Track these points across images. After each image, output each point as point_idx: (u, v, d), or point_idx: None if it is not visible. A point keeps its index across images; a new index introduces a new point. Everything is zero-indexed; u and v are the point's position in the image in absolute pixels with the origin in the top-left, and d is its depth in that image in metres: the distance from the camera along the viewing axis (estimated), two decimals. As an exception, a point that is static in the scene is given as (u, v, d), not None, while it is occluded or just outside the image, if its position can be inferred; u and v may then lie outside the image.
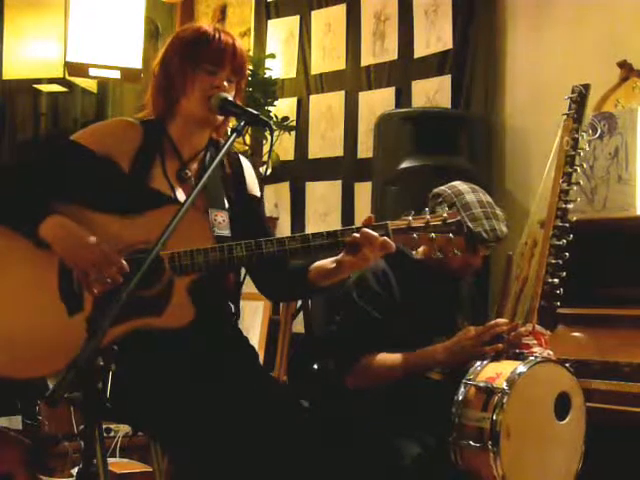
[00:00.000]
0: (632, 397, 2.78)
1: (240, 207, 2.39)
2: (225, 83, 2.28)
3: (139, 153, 2.29)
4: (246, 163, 2.48)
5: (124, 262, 2.08)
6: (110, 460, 3.50)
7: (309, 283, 2.32)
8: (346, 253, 2.20)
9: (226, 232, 2.31)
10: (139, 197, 2.23)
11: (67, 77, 4.75)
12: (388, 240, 2.14)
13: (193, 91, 2.27)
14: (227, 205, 2.37)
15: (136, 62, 4.52)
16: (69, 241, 2.10)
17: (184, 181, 2.32)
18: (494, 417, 2.30)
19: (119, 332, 2.01)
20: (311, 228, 4.75)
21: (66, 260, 2.11)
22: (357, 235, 2.14)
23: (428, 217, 2.17)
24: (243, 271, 2.43)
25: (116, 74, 4.50)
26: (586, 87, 2.91)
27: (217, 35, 2.30)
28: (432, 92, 4.25)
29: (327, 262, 2.29)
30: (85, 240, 2.09)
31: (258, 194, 2.48)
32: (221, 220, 2.32)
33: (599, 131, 3.14)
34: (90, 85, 5.09)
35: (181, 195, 2.30)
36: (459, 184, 2.72)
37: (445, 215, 2.18)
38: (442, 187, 2.73)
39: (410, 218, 2.17)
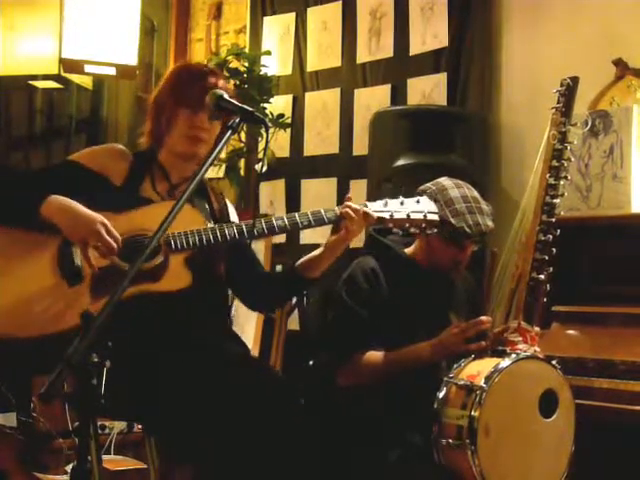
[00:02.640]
0: (627, 395, 2.78)
1: None
2: (207, 122, 2.38)
3: (130, 173, 2.42)
4: (228, 201, 2.63)
5: (115, 231, 2.19)
6: (104, 457, 3.50)
7: (300, 277, 2.46)
8: (332, 234, 2.38)
9: None
10: (130, 202, 2.33)
11: (62, 74, 4.74)
12: (368, 211, 2.34)
13: (175, 129, 2.41)
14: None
15: (132, 59, 4.51)
16: (69, 213, 2.20)
17: (173, 198, 2.43)
18: (471, 414, 2.30)
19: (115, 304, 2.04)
20: (307, 225, 4.74)
21: (67, 231, 2.21)
22: (341, 209, 2.33)
23: (402, 199, 2.38)
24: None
25: (111, 71, 4.50)
26: (574, 80, 2.89)
27: (201, 75, 2.43)
28: (428, 90, 4.25)
29: (312, 253, 2.46)
30: (82, 211, 2.21)
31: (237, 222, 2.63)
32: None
33: (589, 125, 3.13)
34: (85, 82, 5.09)
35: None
36: (444, 180, 2.72)
37: (417, 197, 2.39)
38: (427, 184, 2.73)
39: (387, 199, 2.38)
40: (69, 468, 3.44)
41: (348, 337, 2.67)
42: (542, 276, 2.74)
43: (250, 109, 2.20)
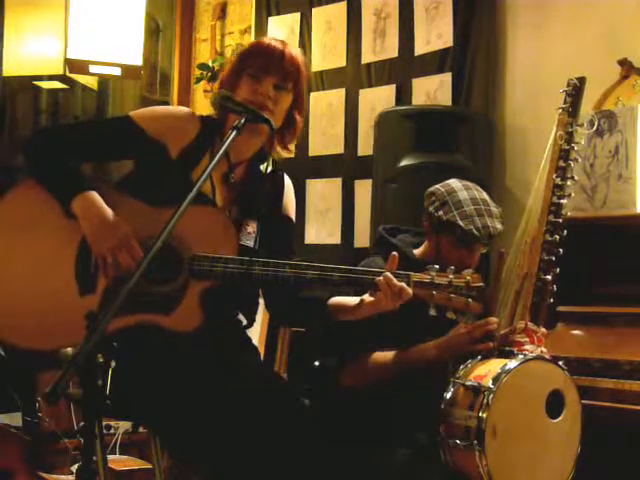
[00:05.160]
0: (632, 395, 2.78)
1: (271, 224, 2.40)
2: (272, 90, 2.29)
3: (191, 145, 2.29)
4: (288, 184, 2.51)
5: (139, 250, 2.09)
6: (110, 457, 3.50)
7: (327, 315, 2.34)
8: (369, 294, 2.23)
9: (250, 243, 2.32)
10: (178, 187, 2.16)
11: (67, 74, 4.75)
12: (406, 287, 2.18)
13: (242, 96, 2.26)
14: (258, 218, 2.37)
15: (136, 59, 4.51)
16: (95, 221, 2.12)
17: (228, 184, 2.33)
18: (480, 415, 2.30)
19: (124, 323, 2.01)
20: (311, 225, 4.75)
21: (89, 239, 2.13)
22: (379, 278, 2.17)
23: (452, 277, 2.21)
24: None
25: (116, 71, 4.49)
26: (581, 80, 2.88)
27: (266, 42, 2.32)
28: (432, 90, 4.24)
29: (349, 299, 2.31)
30: (109, 223, 2.12)
31: (292, 217, 2.50)
32: (250, 230, 2.32)
33: (596, 125, 3.13)
34: (90, 82, 5.09)
35: (219, 197, 2.31)
36: (453, 182, 2.72)
37: (469, 278, 2.22)
38: (436, 185, 2.72)
39: (434, 274, 2.21)
40: (74, 468, 3.45)
41: (355, 337, 2.66)
42: (549, 277, 2.74)
43: (255, 109, 2.19)
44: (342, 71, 4.72)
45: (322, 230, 4.67)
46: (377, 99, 4.48)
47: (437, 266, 2.23)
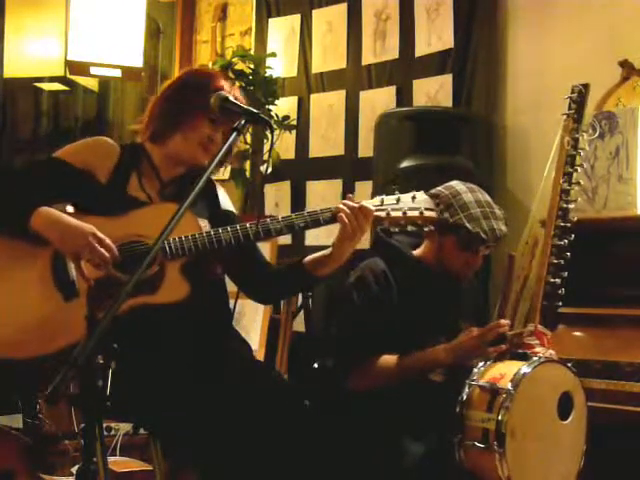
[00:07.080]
0: (633, 397, 2.78)
1: (217, 221, 2.44)
2: (219, 135, 2.37)
3: (116, 169, 2.36)
4: (218, 185, 2.56)
5: (108, 240, 2.13)
6: (110, 459, 3.50)
7: (307, 274, 2.41)
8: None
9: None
10: (118, 203, 2.28)
11: (68, 76, 4.76)
12: (365, 204, 2.27)
13: (190, 133, 2.35)
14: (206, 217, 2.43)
15: (137, 61, 4.53)
16: (59, 227, 2.15)
17: (165, 198, 2.38)
18: (499, 418, 2.29)
19: (117, 312, 2.02)
20: (312, 227, 4.74)
21: (58, 245, 2.16)
22: (338, 205, 2.29)
23: (398, 195, 2.31)
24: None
25: (117, 73, 4.51)
26: (585, 86, 2.91)
27: (232, 93, 2.36)
28: (433, 91, 4.25)
29: (321, 252, 2.41)
30: (72, 225, 2.15)
31: (233, 209, 2.57)
32: (203, 226, 2.36)
33: (598, 131, 3.14)
34: (91, 84, 5.11)
35: None
36: (456, 184, 2.70)
37: (413, 193, 2.31)
38: (439, 188, 2.70)
39: (382, 197, 2.31)
40: (75, 469, 3.44)
41: (359, 341, 2.65)
42: (558, 280, 2.76)
43: (255, 111, 2.20)
44: (342, 72, 4.73)
45: (322, 232, 4.66)
46: (377, 100, 4.48)
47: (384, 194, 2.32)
